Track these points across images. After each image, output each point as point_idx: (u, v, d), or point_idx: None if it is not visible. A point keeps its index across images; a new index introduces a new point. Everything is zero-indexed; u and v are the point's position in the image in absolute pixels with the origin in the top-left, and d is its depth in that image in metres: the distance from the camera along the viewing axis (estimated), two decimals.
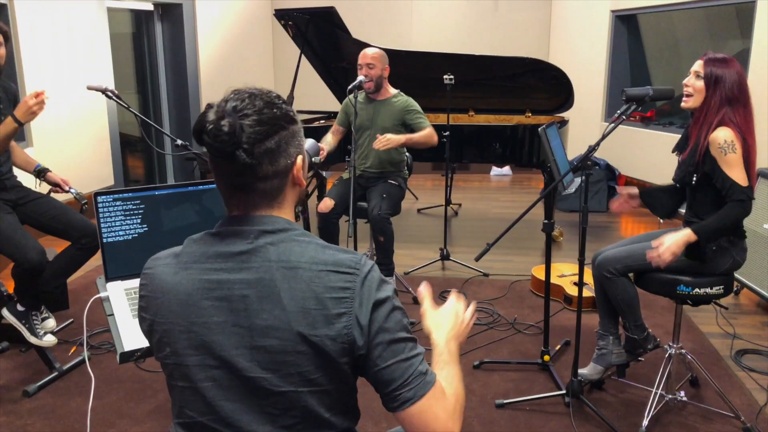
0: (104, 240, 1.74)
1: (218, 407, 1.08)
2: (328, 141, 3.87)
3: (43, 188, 3.04)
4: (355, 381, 1.14)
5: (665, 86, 2.41)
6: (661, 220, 2.37)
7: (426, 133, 3.66)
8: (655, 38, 6.44)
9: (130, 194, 1.77)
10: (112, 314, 1.63)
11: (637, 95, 2.35)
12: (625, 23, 6.37)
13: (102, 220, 1.73)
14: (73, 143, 5.27)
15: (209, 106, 1.06)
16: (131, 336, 1.58)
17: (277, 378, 1.05)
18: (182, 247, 1.14)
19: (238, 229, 1.09)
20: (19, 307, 2.87)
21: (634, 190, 2.73)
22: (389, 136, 3.55)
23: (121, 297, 1.70)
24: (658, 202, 2.69)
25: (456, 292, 1.36)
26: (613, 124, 2.32)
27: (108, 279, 1.75)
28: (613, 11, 6.34)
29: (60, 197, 3.05)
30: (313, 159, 1.62)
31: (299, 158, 1.13)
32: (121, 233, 1.76)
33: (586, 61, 6.77)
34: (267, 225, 1.09)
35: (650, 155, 5.81)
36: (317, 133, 4.72)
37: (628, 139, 6.12)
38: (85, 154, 5.45)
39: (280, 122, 1.07)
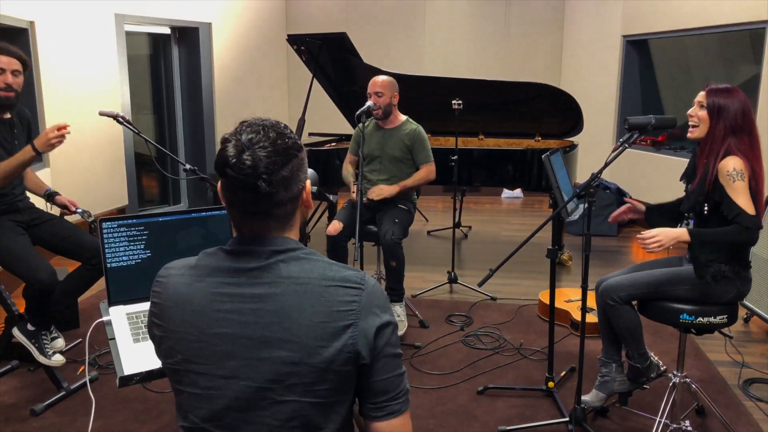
0: (108, 265, 1.79)
1: (222, 415, 1.14)
2: (351, 172, 3.91)
3: (56, 211, 3.10)
4: (354, 394, 1.20)
5: (669, 115, 2.43)
6: (671, 247, 2.37)
7: (422, 175, 3.74)
8: (667, 63, 6.45)
9: (134, 221, 1.81)
10: (114, 338, 1.66)
11: (639, 124, 2.37)
12: (637, 48, 6.39)
13: (106, 246, 1.77)
14: (89, 164, 5.37)
15: (226, 141, 1.13)
16: (131, 360, 1.61)
17: (282, 388, 1.11)
18: (197, 259, 1.20)
19: (251, 248, 1.16)
20: (30, 327, 2.92)
21: (641, 207, 2.73)
22: (382, 187, 3.66)
23: (123, 321, 1.73)
24: (661, 222, 2.67)
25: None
26: (614, 153, 2.34)
27: (111, 303, 1.79)
28: (624, 36, 6.37)
29: (70, 218, 3.11)
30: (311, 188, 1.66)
31: (308, 182, 1.22)
32: (124, 258, 1.81)
33: (597, 85, 6.80)
34: (278, 245, 1.16)
35: (661, 180, 5.79)
36: (329, 156, 4.78)
37: (638, 163, 6.11)
38: (101, 174, 5.54)
39: (292, 151, 1.15)
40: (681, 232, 2.34)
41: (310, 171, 1.67)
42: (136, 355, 1.62)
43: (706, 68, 6.08)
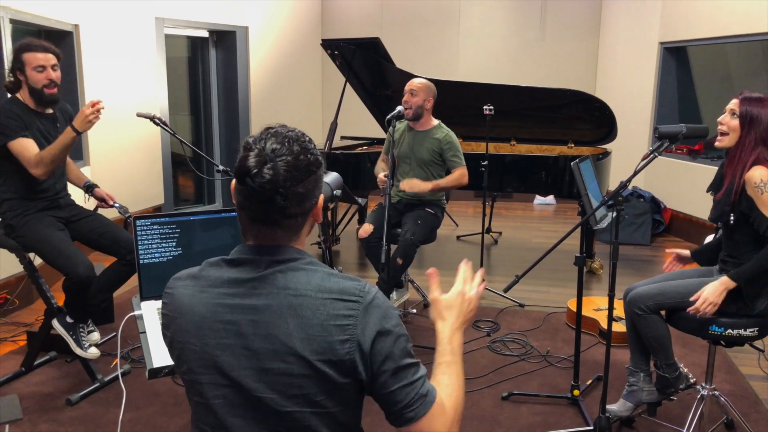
0: (141, 261, 1.85)
1: (228, 423, 1.15)
2: (383, 168, 3.96)
3: (91, 203, 3.20)
4: (361, 403, 1.20)
5: (704, 125, 2.41)
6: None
7: (455, 177, 3.73)
8: (706, 71, 6.34)
9: (167, 219, 1.87)
10: (145, 332, 1.72)
11: (670, 133, 2.35)
12: (674, 55, 6.29)
13: (140, 243, 1.84)
14: (127, 163, 5.52)
15: (248, 148, 1.12)
16: (161, 353, 1.66)
17: (283, 399, 1.11)
18: (199, 270, 1.21)
19: (251, 258, 1.16)
20: (68, 319, 3.02)
21: (685, 252, 2.72)
22: (415, 181, 3.66)
23: (154, 316, 1.79)
24: (712, 258, 2.65)
25: (465, 261, 1.39)
26: (644, 162, 2.32)
27: (143, 298, 1.86)
28: (661, 43, 6.28)
29: (107, 213, 3.21)
30: (334, 192, 1.69)
31: (321, 198, 1.21)
32: (157, 255, 1.87)
33: (633, 93, 6.71)
34: (277, 255, 1.16)
35: (697, 189, 5.68)
36: (359, 159, 4.82)
37: (674, 172, 6.01)
38: (138, 173, 5.69)
39: (312, 168, 1.15)
40: (724, 282, 2.32)
41: (333, 175, 1.71)
42: (166, 348, 1.67)
43: (748, 77, 5.95)
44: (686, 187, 5.91)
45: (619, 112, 4.99)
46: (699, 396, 2.55)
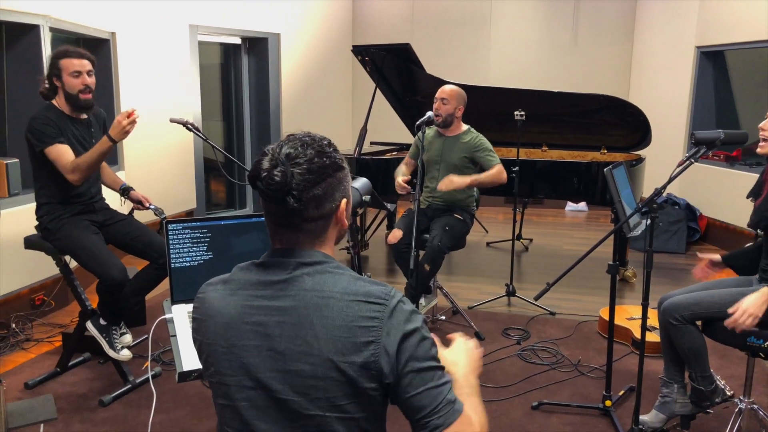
0: (172, 265, 1.87)
1: (253, 426, 1.16)
2: (403, 171, 3.96)
3: (126, 207, 3.26)
4: (385, 410, 1.19)
5: (739, 130, 2.35)
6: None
7: (493, 173, 3.65)
8: (745, 76, 6.18)
9: (198, 223, 1.89)
10: (175, 335, 1.74)
11: (707, 139, 2.30)
12: (711, 60, 6.16)
13: (171, 247, 1.86)
14: (160, 168, 5.61)
15: (264, 153, 1.16)
16: (191, 357, 1.68)
17: (307, 402, 1.12)
18: (230, 274, 1.24)
19: (280, 260, 1.18)
20: (102, 321, 3.07)
21: (716, 257, 2.65)
22: (453, 177, 3.58)
23: (184, 319, 1.81)
24: (744, 264, 2.58)
25: (460, 335, 1.41)
26: (679, 168, 2.27)
27: (174, 302, 1.88)
28: (698, 47, 6.16)
29: (142, 217, 3.26)
30: (363, 198, 1.68)
31: (343, 202, 1.21)
32: (188, 259, 1.89)
33: (668, 98, 6.59)
34: (305, 258, 1.17)
35: (734, 196, 5.54)
36: (389, 165, 4.82)
37: (711, 179, 5.88)
38: (171, 178, 5.77)
39: (328, 171, 1.16)
40: (765, 293, 2.24)
41: (363, 180, 1.70)
42: (195, 352, 1.68)
43: None
44: (723, 194, 5.77)
45: (654, 117, 4.90)
46: (737, 409, 2.48)
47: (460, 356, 1.32)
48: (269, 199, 1.14)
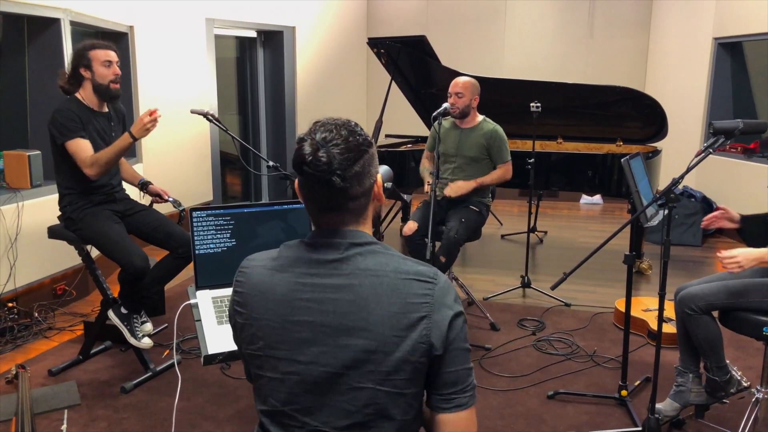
0: (197, 251, 1.91)
1: (300, 399, 1.20)
2: (426, 167, 3.98)
3: (146, 201, 3.31)
4: (424, 390, 1.25)
5: (758, 120, 2.34)
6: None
7: (499, 173, 3.73)
8: (764, 68, 6.13)
9: (222, 211, 1.93)
10: (200, 320, 1.78)
11: (725, 128, 2.30)
12: (729, 51, 6.11)
13: (195, 233, 1.90)
14: (177, 160, 5.67)
15: (302, 140, 1.20)
16: (215, 340, 1.72)
17: (359, 375, 1.17)
18: (278, 251, 1.28)
19: (331, 241, 1.22)
20: (123, 310, 3.12)
21: (736, 215, 2.61)
22: (459, 183, 3.69)
23: (208, 304, 1.85)
24: (757, 231, 2.57)
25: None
26: (697, 158, 2.28)
27: (198, 287, 1.92)
28: (716, 38, 6.10)
29: (160, 208, 3.31)
30: (385, 184, 1.71)
31: (378, 176, 1.27)
32: (212, 246, 1.93)
33: (685, 90, 6.54)
34: (356, 238, 1.22)
35: (752, 188, 5.51)
36: (404, 157, 4.84)
37: (728, 171, 5.84)
38: (188, 170, 5.83)
39: (363, 147, 1.21)
40: (763, 254, 2.24)
41: (383, 167, 1.74)
42: (220, 336, 1.73)
43: None
44: (741, 186, 5.73)
45: (671, 109, 4.87)
46: (753, 399, 2.48)
47: None
48: (317, 182, 1.17)
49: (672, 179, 2.33)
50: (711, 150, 2.30)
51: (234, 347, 1.67)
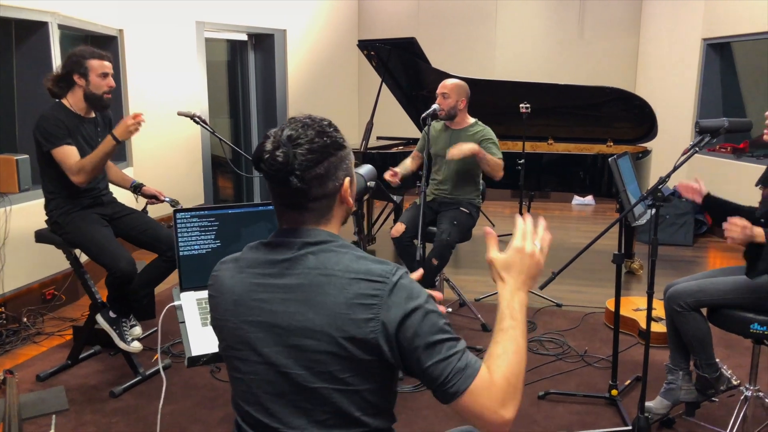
0: (181, 253, 1.90)
1: (261, 398, 1.21)
2: (407, 165, 3.95)
3: (140, 204, 3.29)
4: (391, 383, 1.23)
5: (743, 118, 2.35)
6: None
7: (497, 160, 3.65)
8: (752, 68, 6.16)
9: (206, 212, 1.92)
10: (184, 321, 1.77)
11: (711, 127, 2.31)
12: (718, 52, 6.14)
13: (179, 235, 1.89)
14: (168, 164, 5.65)
15: (267, 136, 1.19)
16: (200, 342, 1.71)
17: (311, 375, 1.16)
18: (241, 253, 1.29)
19: (286, 240, 1.22)
20: (111, 314, 3.11)
21: (704, 190, 2.60)
22: (462, 144, 3.54)
23: (193, 306, 1.84)
24: (719, 214, 2.54)
25: (524, 215, 1.33)
26: (684, 157, 2.28)
27: (182, 289, 1.91)
28: (704, 39, 6.14)
29: (156, 210, 3.29)
30: (368, 183, 1.71)
31: (346, 180, 1.24)
32: (196, 247, 1.92)
33: (674, 90, 6.57)
34: (310, 237, 1.21)
35: (742, 188, 5.52)
36: (395, 159, 4.84)
37: (718, 171, 5.86)
38: (180, 174, 5.82)
39: (329, 150, 1.19)
40: (758, 233, 2.24)
41: (367, 167, 1.72)
42: (204, 337, 1.72)
43: None
44: (731, 186, 5.75)
45: (660, 110, 4.89)
46: (743, 397, 2.49)
47: (510, 264, 1.26)
48: (273, 181, 1.18)
49: (659, 177, 2.33)
50: (697, 149, 2.31)
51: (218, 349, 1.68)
